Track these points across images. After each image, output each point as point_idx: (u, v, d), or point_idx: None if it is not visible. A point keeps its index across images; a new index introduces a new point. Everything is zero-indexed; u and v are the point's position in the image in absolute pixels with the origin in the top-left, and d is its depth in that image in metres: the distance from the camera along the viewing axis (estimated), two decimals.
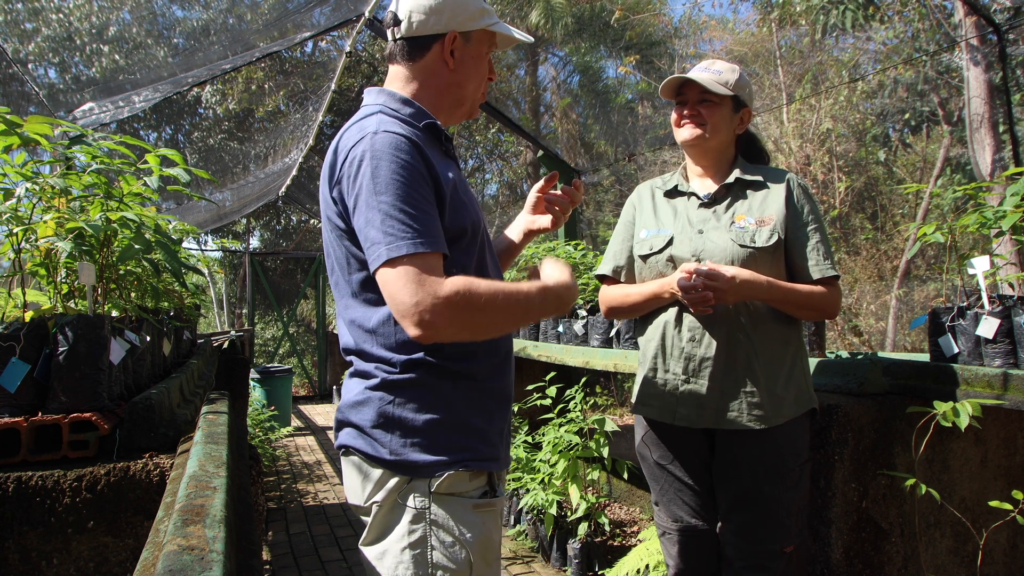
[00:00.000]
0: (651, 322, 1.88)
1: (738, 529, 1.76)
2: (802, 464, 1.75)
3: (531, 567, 3.52)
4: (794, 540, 1.74)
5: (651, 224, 1.90)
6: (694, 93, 1.84)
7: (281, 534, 4.11)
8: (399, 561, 1.16)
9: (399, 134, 1.18)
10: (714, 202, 1.84)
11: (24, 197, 1.66)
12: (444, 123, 1.38)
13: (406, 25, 1.31)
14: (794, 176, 1.85)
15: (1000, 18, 4.56)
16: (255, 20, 4.67)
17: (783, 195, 1.78)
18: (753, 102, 1.92)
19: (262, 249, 13.92)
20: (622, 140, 6.76)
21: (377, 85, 1.40)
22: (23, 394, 1.45)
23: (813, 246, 1.75)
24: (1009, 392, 1.86)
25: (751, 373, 1.72)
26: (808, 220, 1.77)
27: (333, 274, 1.30)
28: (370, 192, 1.13)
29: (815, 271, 1.74)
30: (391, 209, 1.12)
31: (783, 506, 1.71)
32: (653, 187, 1.99)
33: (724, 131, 1.84)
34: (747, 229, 1.75)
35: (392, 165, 1.14)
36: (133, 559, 1.32)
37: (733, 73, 1.82)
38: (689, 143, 1.85)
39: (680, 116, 1.86)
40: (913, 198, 10.35)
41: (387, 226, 1.11)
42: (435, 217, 1.16)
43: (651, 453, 1.91)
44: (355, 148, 1.18)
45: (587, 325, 3.67)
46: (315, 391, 11.48)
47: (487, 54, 1.39)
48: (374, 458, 1.19)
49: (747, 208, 1.80)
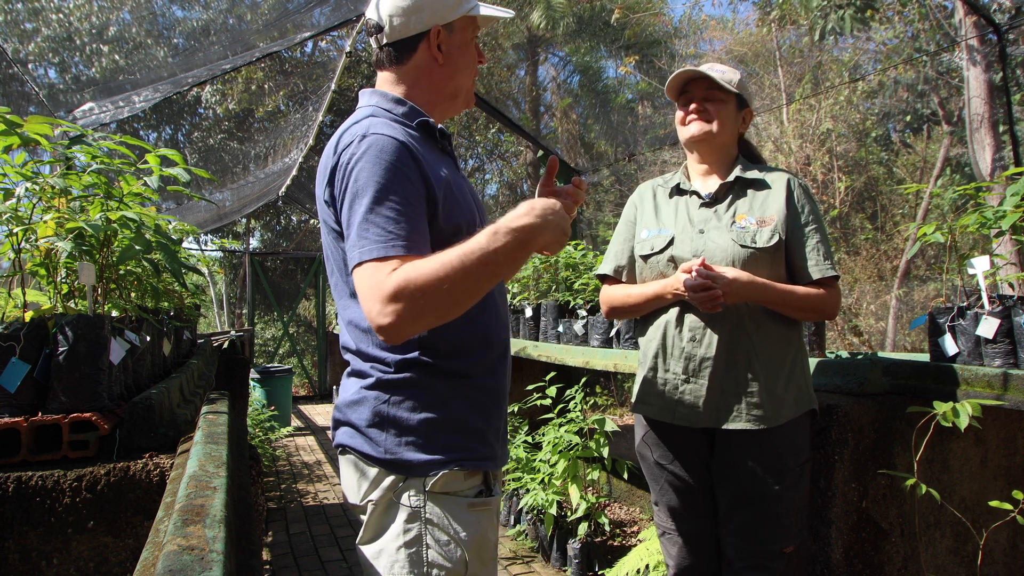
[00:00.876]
0: (652, 322, 1.87)
1: (738, 529, 1.76)
2: (802, 464, 1.75)
3: (531, 567, 3.52)
4: (794, 540, 1.73)
5: (652, 224, 1.90)
6: (700, 90, 1.84)
7: (281, 534, 4.11)
8: (395, 560, 1.17)
9: (387, 135, 1.17)
10: (715, 201, 1.84)
11: (24, 197, 1.66)
12: (442, 117, 1.38)
13: (388, 30, 1.30)
14: (794, 176, 1.85)
15: (1000, 18, 4.56)
16: (255, 20, 4.67)
17: (784, 195, 1.78)
18: (753, 104, 1.92)
19: (262, 249, 13.92)
20: (622, 140, 6.76)
21: (373, 86, 1.40)
22: (23, 394, 1.45)
23: (813, 246, 1.75)
24: (1009, 392, 1.86)
25: (751, 373, 1.72)
26: (808, 220, 1.78)
27: (332, 275, 1.30)
28: (352, 195, 1.14)
29: (815, 271, 1.74)
30: (367, 212, 1.11)
31: (783, 506, 1.71)
32: (655, 186, 1.98)
33: (729, 127, 1.84)
34: (748, 229, 1.75)
35: (376, 168, 1.13)
36: (133, 559, 1.32)
37: (735, 74, 1.83)
38: (697, 138, 1.84)
39: (686, 113, 1.86)
40: (913, 198, 10.35)
41: (362, 229, 1.11)
42: (417, 219, 1.14)
43: (651, 453, 1.91)
44: (345, 152, 1.18)
45: (587, 325, 3.67)
46: (315, 391, 11.48)
47: (472, 39, 1.38)
48: (370, 457, 1.20)
49: (748, 207, 1.79)
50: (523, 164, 14.34)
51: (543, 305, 4.24)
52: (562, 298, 4.16)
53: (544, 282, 4.59)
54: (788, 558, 1.72)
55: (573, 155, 11.65)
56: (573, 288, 4.17)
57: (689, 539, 1.88)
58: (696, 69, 1.83)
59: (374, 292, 1.06)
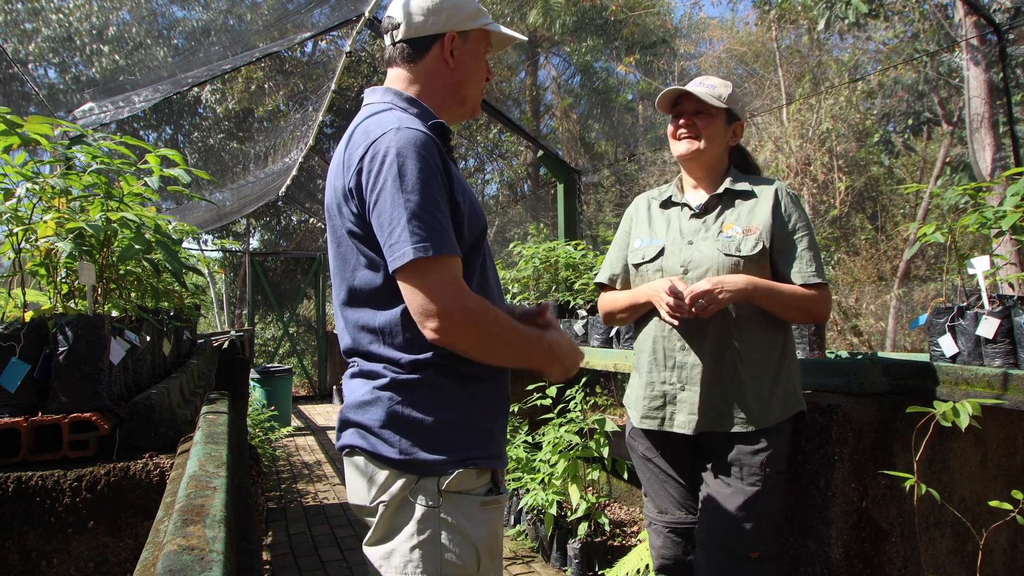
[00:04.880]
0: (642, 330, 1.95)
1: (709, 529, 1.80)
2: (779, 472, 1.79)
3: (531, 567, 3.52)
4: (763, 548, 1.76)
5: (645, 234, 1.97)
6: (690, 106, 1.90)
7: (281, 534, 4.11)
8: (408, 560, 1.16)
9: (422, 131, 1.18)
10: (705, 212, 1.90)
11: (24, 197, 1.66)
12: (448, 122, 1.39)
13: (405, 27, 1.32)
14: (783, 185, 1.90)
15: (1000, 18, 4.56)
16: (255, 20, 4.67)
17: (770, 204, 1.83)
18: (746, 116, 1.99)
19: (262, 249, 13.92)
20: (622, 140, 6.76)
21: (374, 86, 1.41)
22: (23, 394, 1.45)
23: (798, 254, 1.80)
24: (1009, 392, 1.86)
25: (737, 378, 1.77)
26: (795, 229, 1.82)
27: (338, 271, 1.29)
28: (396, 189, 1.13)
29: (797, 277, 1.78)
30: (418, 209, 1.12)
31: (755, 510, 1.74)
32: (649, 198, 2.06)
33: (718, 143, 1.90)
34: (733, 238, 1.81)
35: (419, 163, 1.14)
36: (133, 559, 1.32)
37: (726, 88, 1.89)
38: (685, 156, 1.91)
39: (676, 128, 1.93)
40: (913, 198, 10.35)
41: (414, 226, 1.11)
42: (450, 220, 1.18)
43: (639, 445, 1.98)
44: (378, 142, 1.17)
45: (587, 325, 3.68)
46: (315, 391, 11.48)
47: (484, 54, 1.40)
48: (381, 458, 1.19)
49: (736, 217, 1.85)
50: (523, 164, 14.35)
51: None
52: (562, 298, 4.16)
53: (544, 282, 4.59)
54: (755, 564, 1.74)
55: (573, 155, 11.66)
56: (573, 288, 4.17)
57: (673, 531, 1.93)
58: (683, 88, 1.89)
59: (452, 293, 1.13)
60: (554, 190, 6.74)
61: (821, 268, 1.80)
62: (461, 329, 1.13)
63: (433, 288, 1.12)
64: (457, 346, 1.16)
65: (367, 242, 1.20)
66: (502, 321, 1.18)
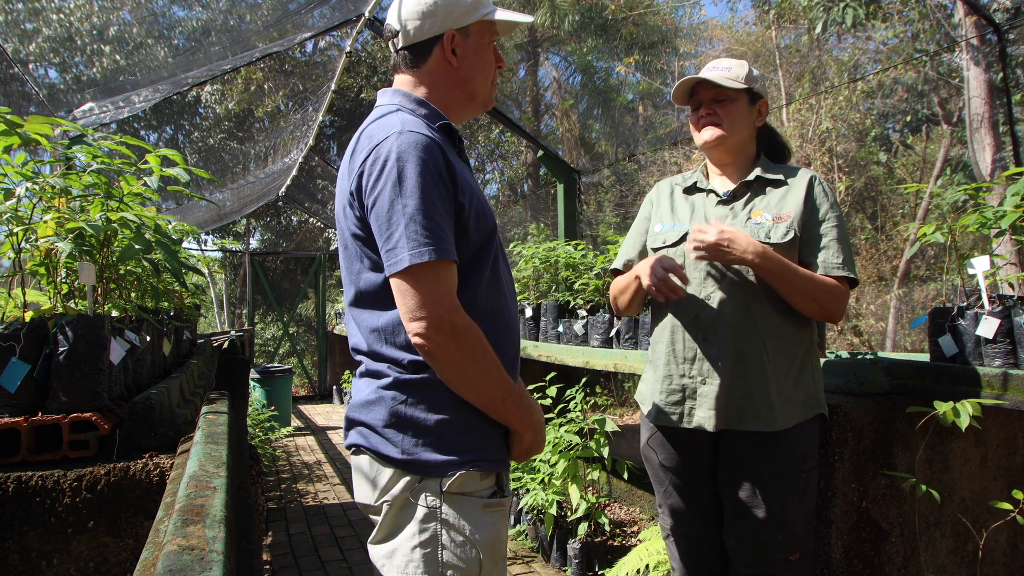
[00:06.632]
0: (659, 322, 1.86)
1: (743, 535, 1.73)
2: (808, 471, 1.72)
3: (531, 567, 3.52)
4: (800, 548, 1.71)
5: (667, 219, 1.89)
6: (707, 94, 1.82)
7: (281, 534, 4.11)
8: (409, 560, 1.16)
9: (425, 135, 1.18)
10: (733, 199, 1.82)
11: (24, 197, 1.66)
12: (459, 120, 1.40)
13: (403, 35, 1.32)
14: (818, 175, 1.82)
15: (1000, 18, 4.56)
16: (255, 20, 4.67)
17: (803, 192, 1.75)
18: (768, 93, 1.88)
19: (262, 249, 13.92)
20: (622, 140, 6.76)
21: (379, 86, 1.41)
22: (23, 394, 1.45)
23: (826, 244, 1.72)
24: (1009, 392, 1.86)
25: (763, 373, 1.69)
26: (825, 219, 1.74)
27: (345, 272, 1.30)
28: (395, 193, 1.14)
29: (822, 267, 1.70)
30: (416, 214, 1.12)
31: (789, 513, 1.68)
32: (672, 183, 1.97)
33: (743, 126, 1.81)
34: (763, 225, 1.73)
35: (419, 168, 1.14)
36: (133, 559, 1.32)
37: (742, 67, 1.80)
38: (710, 144, 1.82)
39: (698, 119, 1.84)
40: (913, 198, 10.35)
41: (411, 231, 1.12)
42: (451, 225, 1.18)
43: (656, 455, 1.88)
44: (380, 146, 1.18)
45: (587, 325, 3.67)
46: (315, 391, 11.47)
47: (490, 44, 1.39)
48: (385, 457, 1.19)
49: (765, 204, 1.77)
50: (523, 164, 14.34)
51: (543, 305, 4.24)
52: (562, 298, 4.16)
53: (544, 282, 4.59)
54: (793, 566, 1.70)
55: (573, 155, 11.66)
56: (573, 288, 4.17)
57: (693, 543, 1.87)
58: (697, 76, 1.81)
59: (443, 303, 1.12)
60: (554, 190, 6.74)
61: (850, 262, 1.70)
62: (443, 340, 1.13)
63: (424, 294, 1.12)
64: (436, 357, 1.15)
65: (369, 245, 1.21)
66: (487, 351, 1.18)
